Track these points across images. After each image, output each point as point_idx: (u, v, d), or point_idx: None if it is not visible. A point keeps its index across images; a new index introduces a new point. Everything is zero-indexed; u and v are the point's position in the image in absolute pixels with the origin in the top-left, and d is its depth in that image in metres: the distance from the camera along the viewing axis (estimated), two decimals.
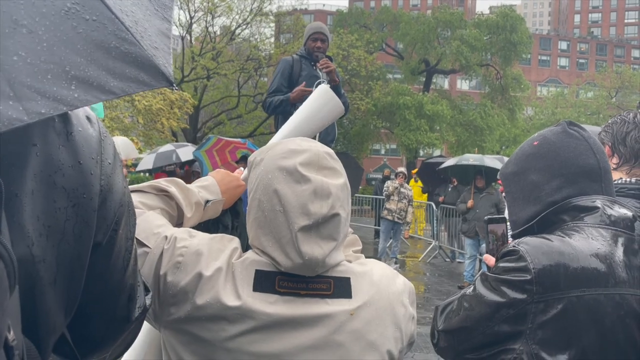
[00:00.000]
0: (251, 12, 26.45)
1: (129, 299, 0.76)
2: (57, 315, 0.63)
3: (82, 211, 0.62)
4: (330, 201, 1.04)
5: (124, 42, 0.49)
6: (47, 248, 0.58)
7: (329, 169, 1.08)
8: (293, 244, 1.02)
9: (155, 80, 0.53)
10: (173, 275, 1.03)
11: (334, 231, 1.05)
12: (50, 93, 0.44)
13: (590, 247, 1.16)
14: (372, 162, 41.41)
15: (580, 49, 76.55)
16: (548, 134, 1.33)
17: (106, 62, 0.47)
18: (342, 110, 1.66)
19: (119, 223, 0.70)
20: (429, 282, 8.91)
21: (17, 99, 0.42)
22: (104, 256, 0.68)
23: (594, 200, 1.24)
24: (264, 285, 1.03)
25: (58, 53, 0.44)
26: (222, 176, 1.39)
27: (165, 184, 1.22)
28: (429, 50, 30.95)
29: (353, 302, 1.06)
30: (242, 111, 27.18)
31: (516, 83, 31.88)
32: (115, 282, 0.72)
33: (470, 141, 28.97)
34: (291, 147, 1.09)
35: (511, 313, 1.15)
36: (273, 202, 1.04)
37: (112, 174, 0.68)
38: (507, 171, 1.39)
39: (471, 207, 8.53)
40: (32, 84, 0.43)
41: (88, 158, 0.64)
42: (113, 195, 0.68)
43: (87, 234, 0.64)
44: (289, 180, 1.04)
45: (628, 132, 1.56)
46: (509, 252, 1.20)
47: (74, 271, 0.63)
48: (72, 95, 0.45)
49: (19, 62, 0.42)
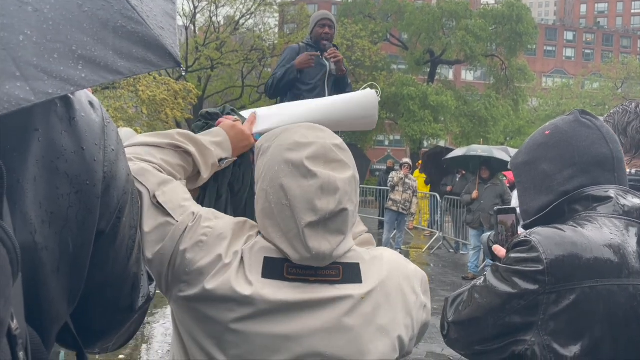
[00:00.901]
0: (255, 2, 26.32)
1: (132, 288, 0.75)
2: (60, 304, 0.61)
3: (85, 198, 0.61)
4: (338, 197, 1.03)
5: (130, 21, 0.48)
6: (50, 235, 0.57)
7: (336, 161, 1.06)
8: (300, 238, 1.01)
9: (163, 60, 0.51)
10: (193, 253, 1.03)
11: (341, 225, 1.04)
12: (57, 73, 0.43)
13: (603, 238, 1.14)
14: (375, 153, 41.32)
15: (586, 39, 75.95)
16: (560, 123, 1.31)
17: (113, 41, 0.46)
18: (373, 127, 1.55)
19: (123, 211, 0.68)
20: (433, 273, 8.92)
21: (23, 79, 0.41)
22: (107, 244, 0.67)
23: (607, 190, 1.22)
24: (272, 272, 1.02)
25: (64, 32, 0.43)
26: (235, 133, 1.34)
27: (183, 141, 1.19)
28: (434, 40, 30.73)
29: (363, 287, 1.05)
30: (246, 102, 27.11)
31: (521, 74, 31.65)
32: (118, 270, 0.71)
33: (474, 132, 28.83)
34: (297, 138, 1.06)
35: (522, 304, 1.13)
36: (279, 195, 1.03)
37: (116, 160, 0.67)
38: (518, 161, 1.37)
39: (476, 198, 8.51)
40: (39, 63, 0.42)
41: (91, 144, 0.62)
42: (116, 182, 0.66)
43: (91, 221, 0.62)
44: (296, 174, 1.02)
45: (629, 122, 1.54)
46: (520, 243, 1.18)
47: (78, 259, 0.62)
48: (79, 75, 0.44)
49: (25, 41, 0.41)
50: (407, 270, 1.14)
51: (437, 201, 12.08)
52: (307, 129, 1.11)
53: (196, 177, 1.25)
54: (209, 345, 1.01)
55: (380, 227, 12.83)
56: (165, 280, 1.05)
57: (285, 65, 4.05)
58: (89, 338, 0.72)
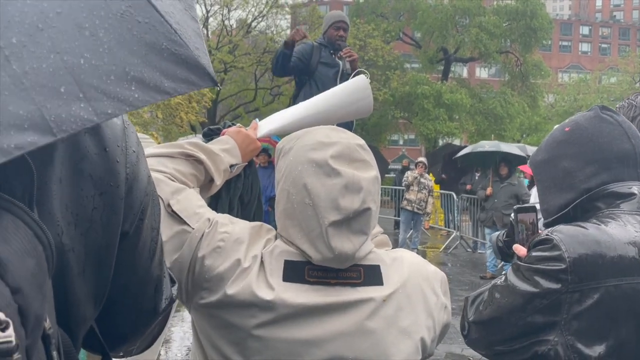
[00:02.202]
0: (267, 5, 26.39)
1: (155, 290, 0.75)
2: (86, 307, 0.62)
3: (110, 199, 0.62)
4: (362, 195, 1.02)
5: (173, 43, 0.51)
6: (76, 237, 0.58)
7: (360, 161, 1.06)
8: (323, 238, 1.00)
9: (203, 80, 0.54)
10: (211, 259, 1.02)
11: (364, 225, 1.03)
12: (114, 94, 0.46)
13: (627, 235, 1.12)
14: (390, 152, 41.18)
15: (603, 33, 74.88)
16: (580, 120, 1.29)
17: (159, 63, 0.49)
18: (370, 110, 1.57)
19: (145, 212, 0.69)
20: (451, 272, 8.85)
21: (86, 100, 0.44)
22: (130, 246, 0.67)
23: (631, 187, 1.20)
24: (293, 275, 1.02)
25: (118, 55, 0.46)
26: (242, 138, 1.36)
27: (194, 150, 1.20)
28: (447, 38, 30.53)
29: (385, 289, 1.04)
30: (259, 104, 27.21)
31: (537, 70, 31.29)
32: (141, 273, 0.71)
33: (490, 130, 28.57)
34: (320, 138, 1.06)
35: (545, 303, 1.12)
36: (302, 195, 1.02)
37: (137, 162, 0.67)
38: (537, 159, 1.35)
39: (490, 194, 8.42)
40: (98, 85, 0.45)
41: (114, 146, 0.63)
42: (138, 183, 0.67)
43: (115, 223, 0.63)
44: (319, 173, 1.02)
45: (635, 117, 1.52)
46: (542, 241, 1.16)
47: (103, 261, 0.63)
48: (133, 96, 0.47)
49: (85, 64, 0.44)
50: (427, 271, 1.13)
51: (452, 200, 12.00)
52: (330, 130, 1.11)
53: (209, 186, 1.25)
54: (231, 353, 1.01)
55: (396, 227, 12.79)
56: (185, 289, 1.04)
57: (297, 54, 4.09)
58: (114, 341, 0.72)
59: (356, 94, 1.53)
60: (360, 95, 1.53)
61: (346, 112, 1.56)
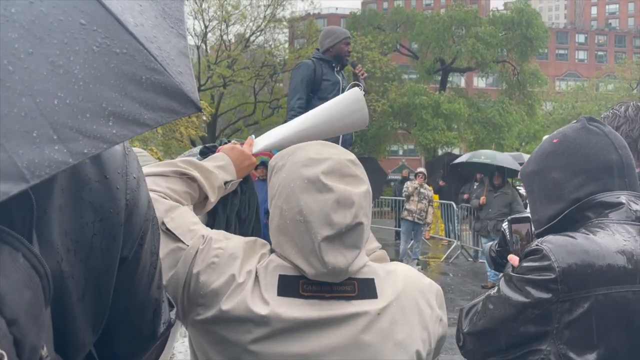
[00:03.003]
0: (265, 19, 26.59)
1: (154, 315, 0.76)
2: (85, 332, 0.63)
3: (109, 226, 0.63)
4: (354, 210, 1.04)
5: (153, 72, 0.50)
6: (76, 263, 0.59)
7: (351, 176, 1.08)
8: (316, 253, 1.02)
9: (185, 107, 0.53)
10: (206, 275, 1.04)
11: (357, 240, 1.05)
12: (90, 132, 0.45)
13: (616, 244, 1.14)
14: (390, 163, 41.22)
15: (599, 41, 75.29)
16: (568, 131, 1.31)
17: (139, 94, 0.48)
18: (366, 122, 1.57)
19: (145, 237, 0.70)
20: (452, 282, 8.83)
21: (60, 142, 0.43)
22: (130, 271, 0.68)
23: (619, 196, 1.22)
24: (288, 290, 1.03)
25: (94, 90, 0.45)
26: (237, 155, 1.38)
27: (187, 168, 1.22)
28: (444, 49, 30.71)
29: (379, 302, 1.05)
30: (258, 117, 27.29)
31: (534, 78, 31.44)
32: (140, 297, 0.72)
33: (489, 139, 28.66)
34: (312, 155, 1.08)
35: (536, 313, 1.13)
36: (295, 211, 1.04)
37: (137, 188, 0.68)
38: (527, 170, 1.38)
39: (483, 203, 8.43)
40: (73, 124, 0.44)
41: (114, 172, 0.64)
42: (139, 209, 0.68)
43: (114, 249, 0.64)
44: (311, 189, 1.04)
45: (619, 126, 1.55)
46: (532, 252, 1.18)
47: (102, 287, 0.64)
48: (110, 132, 0.46)
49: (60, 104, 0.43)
50: (422, 284, 1.14)
51: (452, 210, 12.01)
52: (321, 146, 1.13)
53: (204, 203, 1.27)
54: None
55: (397, 238, 12.77)
56: (181, 306, 1.06)
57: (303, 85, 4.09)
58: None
59: (351, 106, 1.53)
60: (355, 107, 1.53)
61: (342, 124, 1.57)
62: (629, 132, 1.55)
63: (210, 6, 26.10)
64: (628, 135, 1.54)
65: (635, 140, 1.55)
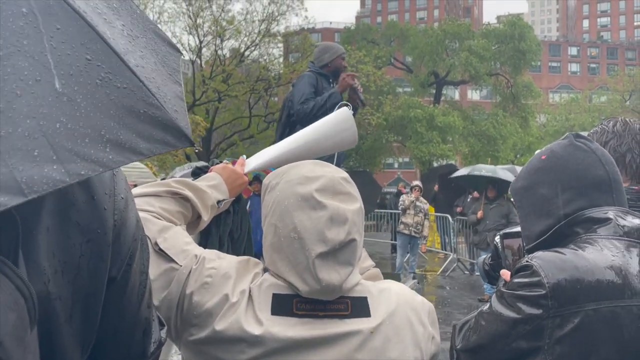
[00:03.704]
0: (259, 34, 26.78)
1: (144, 334, 0.76)
2: (74, 353, 0.63)
3: (97, 246, 0.63)
4: (347, 227, 1.05)
5: (151, 106, 0.55)
6: (63, 284, 0.59)
7: (344, 194, 1.09)
8: (310, 270, 1.02)
9: (179, 141, 0.57)
10: (200, 295, 1.04)
11: (350, 256, 1.06)
12: (88, 155, 0.48)
13: (604, 259, 1.15)
14: (385, 176, 41.30)
15: (591, 53, 76.14)
16: (555, 148, 1.33)
17: (136, 125, 0.52)
18: (355, 141, 1.57)
19: (133, 257, 0.71)
20: (449, 296, 8.82)
21: (59, 162, 0.46)
22: (119, 291, 0.69)
23: (606, 212, 1.23)
24: (282, 309, 1.04)
25: (94, 118, 0.49)
26: (228, 174, 1.39)
27: (180, 187, 1.23)
28: (438, 62, 31.03)
29: (372, 321, 1.06)
30: (254, 131, 27.38)
31: (527, 91, 31.75)
32: (130, 317, 0.73)
33: (483, 151, 28.81)
34: (305, 173, 1.10)
35: (528, 329, 1.14)
36: (289, 228, 1.05)
37: (125, 208, 0.69)
38: (517, 186, 1.39)
39: (480, 218, 8.45)
40: (72, 147, 0.47)
41: (101, 193, 0.65)
42: (126, 229, 0.69)
43: (102, 269, 0.65)
44: (305, 207, 1.05)
45: (607, 142, 1.57)
46: (522, 268, 1.19)
47: (90, 307, 0.64)
48: (107, 157, 0.50)
49: (61, 128, 0.47)
50: (415, 302, 1.15)
51: (448, 222, 12.02)
52: (314, 165, 1.14)
53: (197, 222, 1.28)
54: None
55: (393, 251, 12.75)
56: (174, 326, 1.06)
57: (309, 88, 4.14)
58: None
59: (340, 125, 1.55)
60: (344, 126, 1.55)
61: (331, 143, 1.58)
62: (617, 147, 1.56)
63: (205, 21, 26.32)
64: (616, 150, 1.56)
65: (623, 155, 1.57)
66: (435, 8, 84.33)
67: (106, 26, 0.56)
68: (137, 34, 0.62)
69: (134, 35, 0.61)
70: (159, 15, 25.70)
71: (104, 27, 0.56)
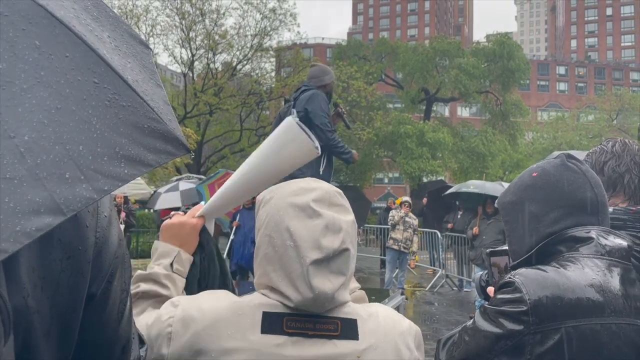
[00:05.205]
0: (251, 48, 26.92)
1: (123, 351, 0.77)
2: None
3: (77, 263, 0.65)
4: (342, 236, 1.07)
5: (152, 121, 0.60)
6: (42, 299, 0.61)
7: (339, 205, 1.12)
8: (304, 277, 1.04)
9: (179, 150, 0.62)
10: (167, 347, 1.05)
11: (343, 266, 1.08)
12: (108, 172, 0.53)
13: (585, 278, 1.17)
14: (375, 191, 41.40)
15: (579, 73, 77.29)
16: (547, 166, 1.36)
17: (143, 139, 0.58)
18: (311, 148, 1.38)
19: (114, 275, 0.72)
20: (437, 312, 8.81)
21: (87, 181, 0.51)
22: (98, 307, 0.70)
23: (589, 231, 1.26)
24: (272, 327, 1.04)
25: (108, 138, 0.55)
26: (164, 232, 1.34)
27: (143, 292, 1.22)
28: (428, 79, 31.34)
29: (360, 344, 1.07)
30: (244, 145, 27.40)
31: (516, 109, 32.11)
32: (109, 333, 0.74)
33: (472, 167, 29.00)
34: (302, 185, 1.13)
35: (509, 344, 1.16)
36: (284, 237, 1.06)
37: (108, 226, 0.71)
38: (505, 200, 1.42)
39: (477, 234, 8.49)
40: (95, 167, 0.53)
41: (84, 210, 0.66)
42: (108, 247, 0.70)
43: (82, 286, 0.66)
44: (301, 215, 1.07)
45: (606, 162, 1.59)
46: (505, 284, 1.22)
47: (68, 322, 0.65)
48: (123, 172, 0.55)
49: (84, 150, 0.52)
50: (402, 326, 1.16)
51: (437, 238, 12.05)
52: (310, 180, 1.18)
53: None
54: None
55: (382, 267, 12.75)
56: None
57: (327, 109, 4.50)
58: None
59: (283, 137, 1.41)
60: (289, 136, 1.39)
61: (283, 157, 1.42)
62: (616, 168, 1.58)
63: (198, 35, 26.41)
64: (615, 170, 1.58)
65: (622, 175, 1.58)
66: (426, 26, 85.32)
67: (100, 44, 0.59)
68: (120, 42, 0.66)
69: (119, 45, 0.65)
70: (151, 27, 25.80)
71: (100, 46, 0.59)
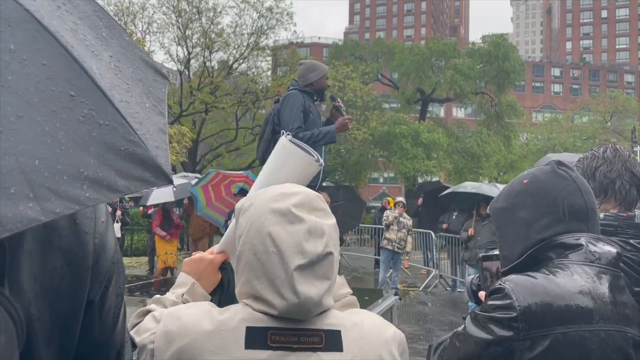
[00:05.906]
0: (248, 47, 26.87)
1: (118, 355, 0.78)
2: None
3: (77, 270, 0.65)
4: (325, 240, 1.07)
5: (132, 144, 0.55)
6: (43, 307, 0.61)
7: (320, 210, 1.11)
8: (289, 283, 1.02)
9: (158, 179, 0.57)
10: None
11: (328, 270, 1.07)
12: (64, 193, 0.48)
13: (574, 284, 1.19)
14: (370, 190, 41.45)
15: (573, 75, 77.62)
16: (538, 173, 1.37)
17: (116, 163, 0.53)
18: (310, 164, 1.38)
19: (110, 280, 0.72)
20: (431, 312, 8.85)
21: (35, 199, 0.47)
22: (95, 313, 0.70)
23: (578, 238, 1.27)
24: (256, 342, 1.03)
25: (74, 155, 0.50)
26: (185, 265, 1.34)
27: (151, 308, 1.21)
28: (424, 79, 31.39)
29: (345, 355, 1.07)
30: (240, 143, 27.37)
31: (511, 110, 32.20)
32: (105, 338, 0.74)
33: (467, 168, 29.10)
34: (283, 190, 1.12)
35: (499, 351, 1.17)
36: (267, 243, 1.05)
37: (105, 232, 0.71)
38: (497, 206, 1.43)
39: (472, 235, 8.51)
40: (50, 185, 0.48)
41: (83, 218, 0.67)
42: (106, 253, 0.71)
43: (82, 292, 0.66)
44: (283, 221, 1.06)
45: (597, 167, 1.61)
46: (495, 290, 1.23)
47: (68, 329, 0.66)
48: (83, 195, 0.50)
49: (40, 165, 0.48)
50: (387, 335, 1.16)
51: (431, 239, 12.09)
52: (290, 185, 1.16)
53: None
54: None
55: (376, 266, 12.77)
56: None
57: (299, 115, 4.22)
58: None
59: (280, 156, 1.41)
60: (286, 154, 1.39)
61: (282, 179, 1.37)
62: (607, 173, 1.60)
63: (194, 33, 26.34)
64: (606, 176, 1.59)
65: (613, 181, 1.59)
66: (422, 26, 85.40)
67: (93, 60, 0.57)
68: (124, 64, 0.63)
69: (121, 66, 0.62)
70: (148, 25, 25.74)
71: (91, 61, 0.56)
